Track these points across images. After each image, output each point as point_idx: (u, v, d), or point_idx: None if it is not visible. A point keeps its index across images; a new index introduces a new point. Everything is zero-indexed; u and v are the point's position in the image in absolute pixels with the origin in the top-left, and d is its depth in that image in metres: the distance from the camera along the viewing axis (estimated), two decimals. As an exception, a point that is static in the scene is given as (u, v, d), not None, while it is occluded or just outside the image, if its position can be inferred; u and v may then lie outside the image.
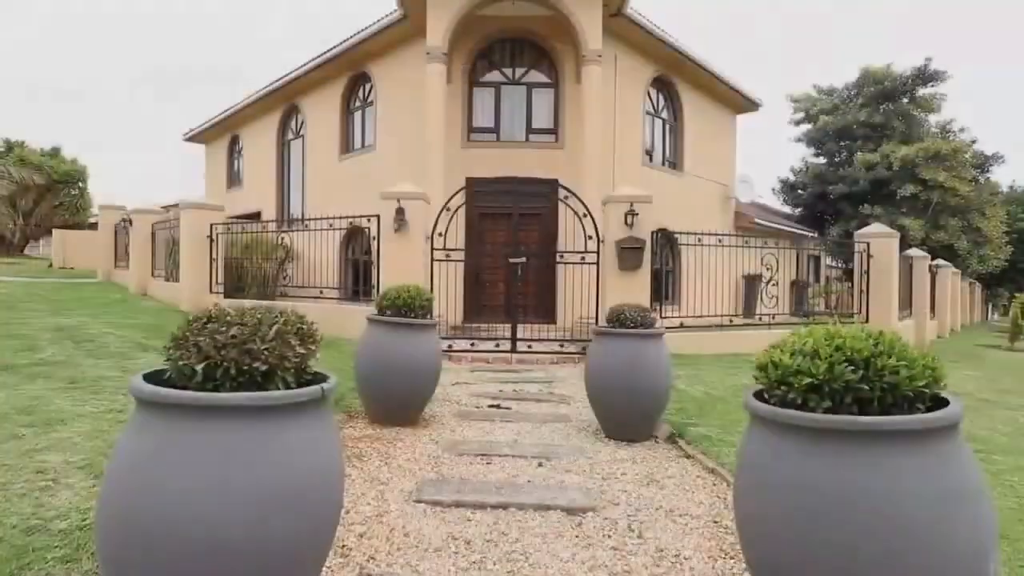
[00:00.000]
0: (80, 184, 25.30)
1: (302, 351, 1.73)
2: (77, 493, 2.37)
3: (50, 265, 18.89)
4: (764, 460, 1.71)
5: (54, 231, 19.84)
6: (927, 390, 1.57)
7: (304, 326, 1.79)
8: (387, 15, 10.59)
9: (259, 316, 1.70)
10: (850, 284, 13.08)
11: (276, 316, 1.75)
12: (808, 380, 1.59)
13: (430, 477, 3.15)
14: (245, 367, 1.58)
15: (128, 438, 1.58)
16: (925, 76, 19.51)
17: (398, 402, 4.00)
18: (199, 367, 1.57)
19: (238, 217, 15.39)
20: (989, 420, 4.76)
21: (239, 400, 1.51)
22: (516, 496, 2.90)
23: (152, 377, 1.71)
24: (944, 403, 1.63)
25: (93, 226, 24.61)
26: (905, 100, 19.95)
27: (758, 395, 1.87)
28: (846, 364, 1.58)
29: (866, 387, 1.55)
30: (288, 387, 1.68)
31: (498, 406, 4.81)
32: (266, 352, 1.61)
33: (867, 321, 8.59)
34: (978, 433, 4.31)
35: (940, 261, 14.24)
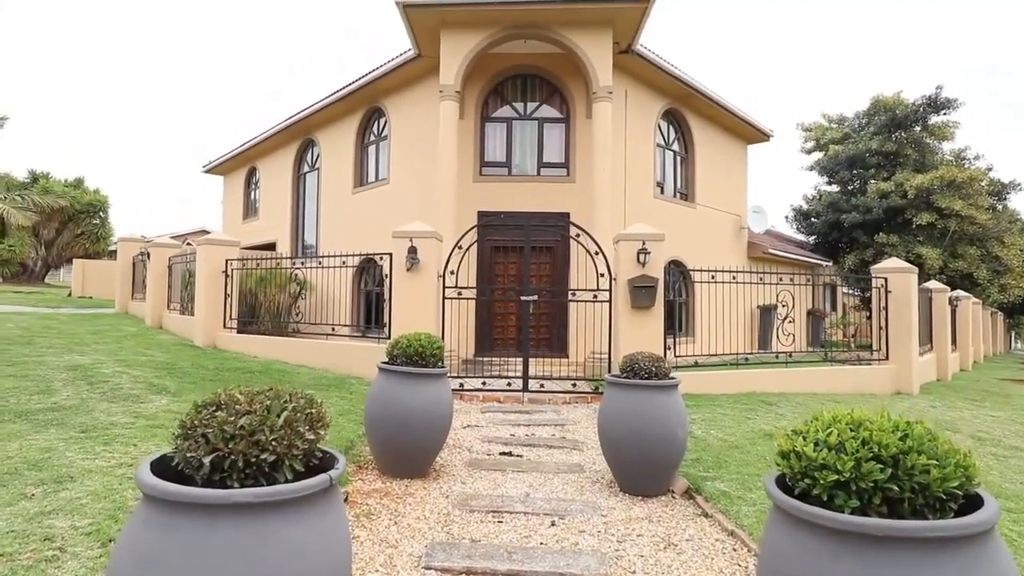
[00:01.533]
0: (101, 214, 25.88)
1: (311, 437, 1.70)
2: (83, 564, 2.34)
3: (69, 294, 19.22)
4: (788, 552, 1.64)
5: (74, 261, 20.23)
6: (960, 491, 1.49)
7: (313, 410, 1.76)
8: (402, 53, 10.84)
9: (268, 403, 1.68)
10: (867, 313, 12.87)
11: (286, 401, 1.73)
12: (834, 477, 1.53)
13: (440, 539, 3.08)
14: (253, 459, 1.56)
15: (133, 530, 1.54)
16: (936, 104, 19.47)
17: (409, 454, 3.94)
18: (207, 460, 1.54)
19: (253, 247, 15.63)
20: (1020, 472, 4.58)
21: (245, 497, 1.48)
22: (528, 562, 2.82)
23: (159, 464, 1.69)
24: (978, 500, 1.55)
25: (113, 254, 25.09)
26: (917, 128, 19.89)
27: (780, 480, 1.80)
28: (873, 461, 1.52)
29: (896, 487, 1.48)
30: (296, 474, 1.66)
31: (510, 453, 4.73)
32: (275, 443, 1.59)
33: (887, 358, 8.41)
34: (1009, 488, 4.14)
35: (960, 292, 13.98)
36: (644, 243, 6.96)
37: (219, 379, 6.57)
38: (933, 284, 11.49)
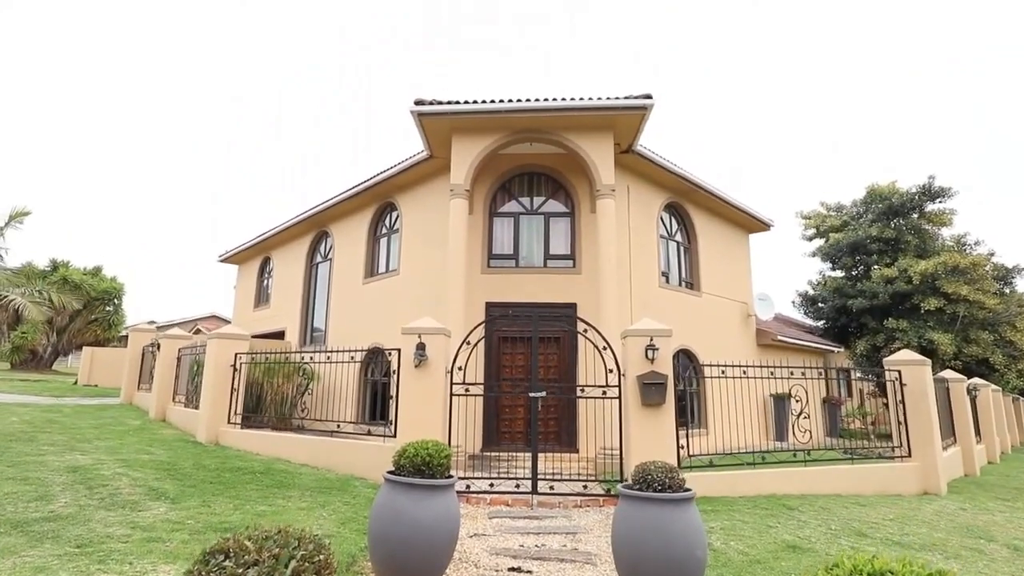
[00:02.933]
0: (115, 301, 26.36)
1: (318, 588, 1.65)
2: None
3: (75, 382, 19.18)
4: None
5: (84, 348, 20.37)
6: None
7: (322, 556, 1.72)
8: (415, 154, 11.48)
9: (277, 551, 1.65)
10: (885, 400, 12.55)
11: (295, 547, 1.69)
12: (866, 642, 1.45)
13: None
14: (257, 618, 1.50)
15: None
16: (931, 193, 20.06)
17: (414, 575, 3.75)
18: (210, 619, 1.49)
19: (263, 335, 15.76)
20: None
21: (248, 665, 1.41)
22: None
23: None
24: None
25: (123, 339, 25.28)
26: (915, 216, 20.37)
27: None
28: (906, 624, 1.44)
29: (933, 656, 1.40)
30: (300, 628, 1.59)
31: (519, 569, 4.48)
32: (281, 599, 1.54)
33: (910, 455, 8.11)
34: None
35: (977, 380, 13.68)
36: (652, 339, 6.97)
37: (220, 481, 6.40)
38: (949, 374, 11.29)
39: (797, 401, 7.77)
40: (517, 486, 6.77)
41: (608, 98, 9.49)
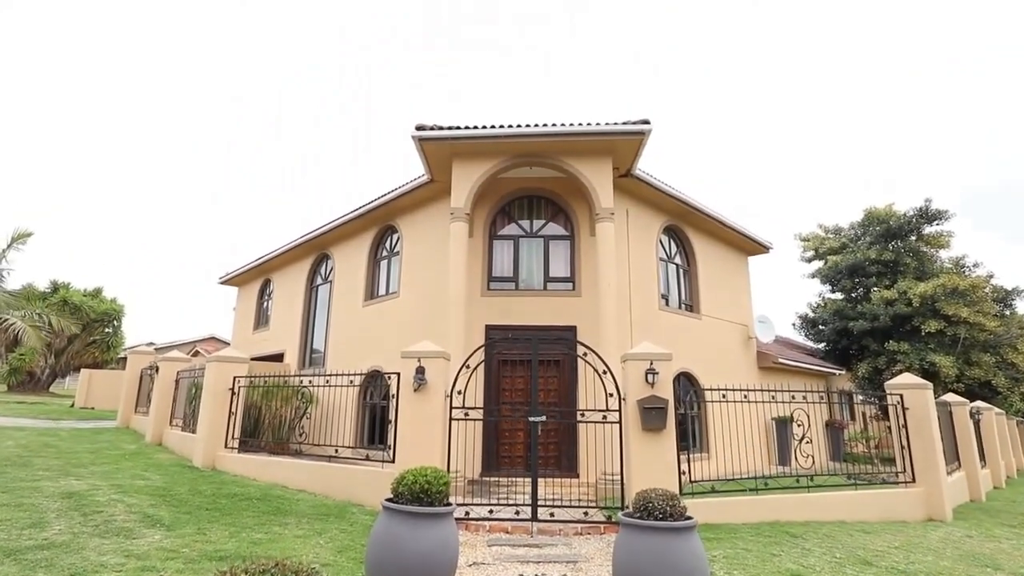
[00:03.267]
0: (115, 322, 26.32)
1: (313, 624, 1.62)
2: None
3: (72, 405, 19.05)
4: None
5: (82, 371, 20.28)
6: None
7: (317, 591, 1.69)
8: (416, 178, 11.59)
9: (272, 587, 1.63)
10: (888, 423, 12.46)
11: (289, 582, 1.67)
12: None
13: None
14: (251, 657, 1.48)
15: None
16: (928, 215, 20.18)
17: (411, 606, 3.68)
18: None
19: (262, 358, 15.71)
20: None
21: None
22: None
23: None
24: None
25: (122, 361, 25.19)
26: (913, 238, 20.46)
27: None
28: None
29: None
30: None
31: (519, 599, 4.40)
32: (275, 636, 1.52)
33: (914, 480, 8.01)
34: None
35: (980, 404, 13.59)
36: (652, 363, 6.94)
37: (216, 507, 6.32)
38: (952, 397, 11.22)
39: (799, 425, 7.71)
40: (517, 513, 6.68)
41: (607, 123, 9.62)
